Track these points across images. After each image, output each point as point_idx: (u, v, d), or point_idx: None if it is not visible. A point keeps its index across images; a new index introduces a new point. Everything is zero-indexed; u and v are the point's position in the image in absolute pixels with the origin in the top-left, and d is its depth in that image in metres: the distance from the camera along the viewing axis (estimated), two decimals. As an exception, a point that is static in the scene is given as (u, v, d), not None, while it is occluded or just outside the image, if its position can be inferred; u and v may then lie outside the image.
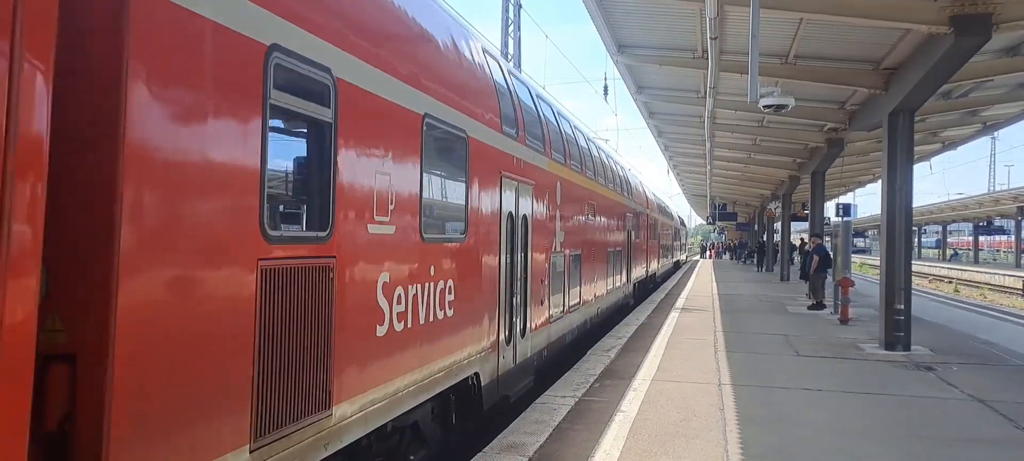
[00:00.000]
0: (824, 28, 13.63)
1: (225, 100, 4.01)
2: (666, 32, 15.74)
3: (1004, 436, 8.23)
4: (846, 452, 7.38)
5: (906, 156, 14.13)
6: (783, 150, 27.76)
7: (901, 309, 13.85)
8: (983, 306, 30.25)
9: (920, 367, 12.22)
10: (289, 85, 4.56)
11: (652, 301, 24.26)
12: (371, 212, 5.64)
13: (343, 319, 5.15)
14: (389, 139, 5.99)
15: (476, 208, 8.17)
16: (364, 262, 5.54)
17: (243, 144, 4.14)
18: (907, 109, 13.90)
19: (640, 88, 21.20)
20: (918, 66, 12.87)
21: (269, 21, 4.38)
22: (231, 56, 4.06)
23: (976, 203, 66.89)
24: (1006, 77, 15.60)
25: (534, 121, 11.24)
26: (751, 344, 14.50)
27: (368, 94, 5.58)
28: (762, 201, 47.98)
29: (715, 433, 7.87)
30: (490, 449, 7.28)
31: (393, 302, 5.98)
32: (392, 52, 6.15)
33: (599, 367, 11.67)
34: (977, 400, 9.84)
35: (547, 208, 11.55)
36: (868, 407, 9.40)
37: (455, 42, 7.97)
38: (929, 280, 54.62)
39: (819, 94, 18.45)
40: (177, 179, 3.68)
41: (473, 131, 8.02)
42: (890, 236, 14.14)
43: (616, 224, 19.74)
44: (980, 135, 24.37)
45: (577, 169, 14.30)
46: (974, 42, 11.17)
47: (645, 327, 16.86)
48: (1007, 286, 47.49)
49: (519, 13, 28.13)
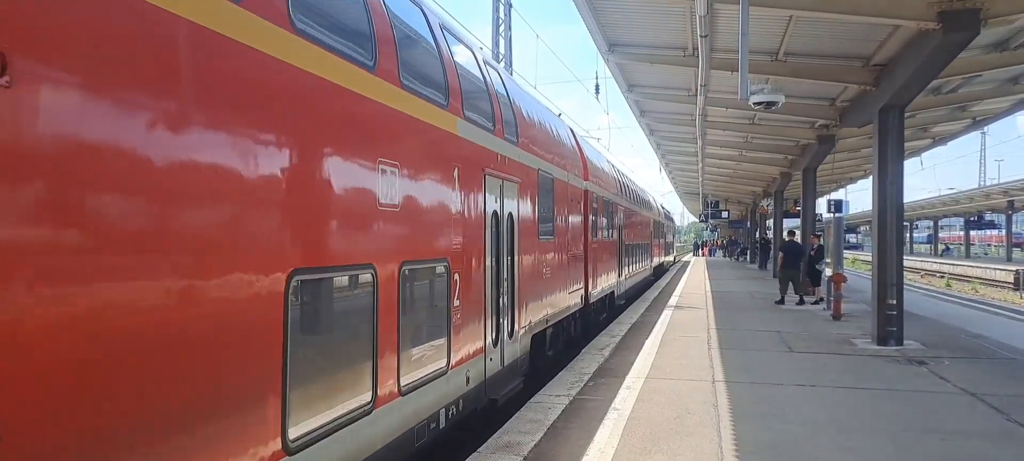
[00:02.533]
0: (814, 25, 13.67)
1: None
2: (657, 30, 15.76)
3: (995, 429, 8.27)
4: (840, 447, 7.40)
5: (897, 152, 14.19)
6: (775, 147, 27.83)
7: (893, 304, 13.91)
8: (975, 300, 30.40)
9: (912, 362, 12.27)
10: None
11: (645, 299, 24.29)
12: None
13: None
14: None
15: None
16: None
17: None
18: (897, 105, 13.96)
19: (631, 87, 21.23)
20: (908, 62, 12.93)
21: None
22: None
23: (967, 198, 67.28)
24: (995, 72, 15.70)
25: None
26: (745, 341, 14.54)
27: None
28: (754, 198, 48.14)
29: (709, 430, 7.89)
30: (485, 448, 7.28)
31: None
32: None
33: (593, 365, 11.69)
34: (969, 393, 9.89)
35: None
36: (861, 402, 9.43)
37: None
38: (921, 275, 54.87)
39: (810, 91, 18.51)
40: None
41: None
42: (882, 232, 14.20)
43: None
44: (970, 130, 24.50)
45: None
46: (963, 37, 11.22)
47: (639, 325, 16.89)
48: (998, 280, 47.76)
49: (509, 13, 28.16)
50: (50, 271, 3.14)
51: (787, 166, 30.38)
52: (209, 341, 4.02)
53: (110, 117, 3.42)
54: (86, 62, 3.30)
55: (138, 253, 3.58)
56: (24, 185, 3.04)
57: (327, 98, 5.33)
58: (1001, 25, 11.65)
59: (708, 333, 15.42)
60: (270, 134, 4.63)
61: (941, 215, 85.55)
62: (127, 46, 3.51)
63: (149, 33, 3.65)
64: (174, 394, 3.77)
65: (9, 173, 2.96)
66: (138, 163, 3.57)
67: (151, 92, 3.67)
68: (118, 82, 3.47)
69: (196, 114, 3.96)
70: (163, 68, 3.74)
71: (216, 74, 4.15)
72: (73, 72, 3.24)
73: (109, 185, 3.42)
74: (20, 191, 3.03)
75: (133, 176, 3.54)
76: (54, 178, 3.16)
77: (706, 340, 14.42)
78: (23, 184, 3.03)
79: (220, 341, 4.10)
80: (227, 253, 4.16)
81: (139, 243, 3.59)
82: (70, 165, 3.23)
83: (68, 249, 3.23)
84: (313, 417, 4.99)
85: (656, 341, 14.19)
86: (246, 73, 4.42)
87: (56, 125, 3.18)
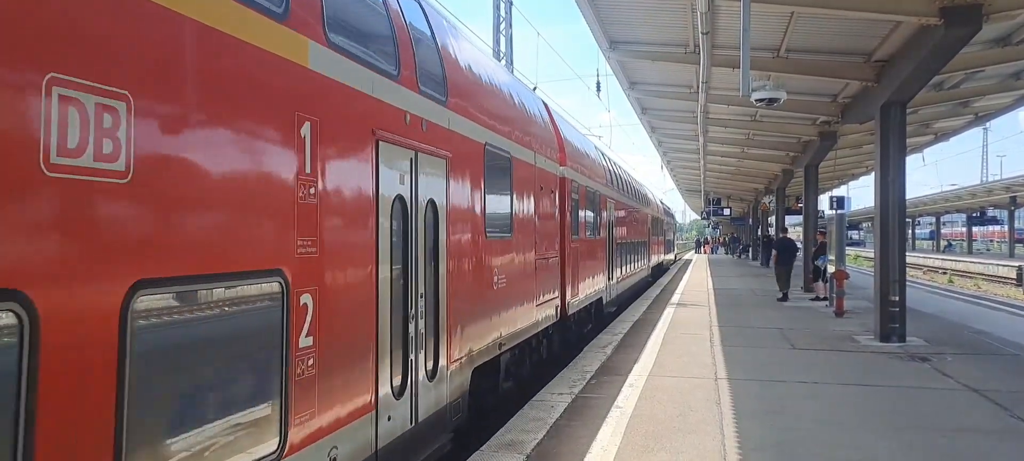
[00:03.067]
0: (815, 21, 13.65)
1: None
2: (658, 28, 15.74)
3: (999, 425, 8.26)
4: (843, 444, 7.39)
5: (899, 148, 14.17)
6: (776, 144, 27.81)
7: (896, 301, 13.89)
8: (977, 296, 30.36)
9: (915, 358, 12.26)
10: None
11: (647, 297, 24.28)
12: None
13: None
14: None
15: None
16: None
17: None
18: (899, 101, 13.94)
19: (633, 84, 21.21)
20: (909, 58, 12.90)
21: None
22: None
23: (969, 194, 67.12)
24: (997, 67, 15.66)
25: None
26: (747, 338, 14.53)
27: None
28: (756, 195, 48.09)
29: (712, 427, 7.88)
30: (487, 447, 7.28)
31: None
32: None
33: (596, 363, 11.68)
34: (972, 390, 9.88)
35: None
36: (864, 399, 9.42)
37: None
38: (924, 271, 54.81)
39: (811, 87, 18.49)
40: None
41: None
42: (884, 228, 14.19)
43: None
44: (972, 126, 24.44)
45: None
46: (965, 33, 11.20)
47: (641, 323, 16.88)
48: (1001, 275, 47.68)
49: (510, 11, 28.14)
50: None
51: (789, 163, 30.35)
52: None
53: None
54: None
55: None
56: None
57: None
58: (1003, 20, 11.62)
59: (710, 330, 15.40)
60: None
61: (943, 211, 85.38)
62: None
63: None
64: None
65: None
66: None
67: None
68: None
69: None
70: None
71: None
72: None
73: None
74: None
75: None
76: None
77: (709, 337, 14.41)
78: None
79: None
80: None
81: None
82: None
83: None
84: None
85: (658, 339, 14.18)
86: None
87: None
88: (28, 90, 2.97)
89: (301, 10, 4.92)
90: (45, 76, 3.03)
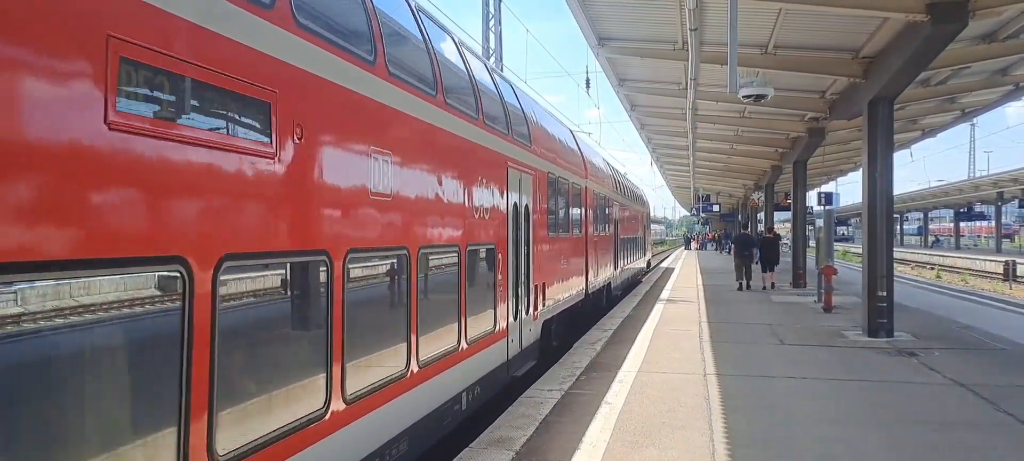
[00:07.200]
0: (803, 17, 13.69)
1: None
2: (647, 24, 15.73)
3: (985, 419, 8.32)
4: (831, 438, 7.42)
5: (886, 144, 14.24)
6: (765, 140, 27.89)
7: (884, 296, 13.96)
8: (965, 291, 30.55)
9: (903, 353, 12.32)
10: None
11: (637, 293, 24.31)
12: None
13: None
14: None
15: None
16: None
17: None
18: (886, 97, 14.00)
19: (622, 81, 21.19)
20: (896, 54, 12.95)
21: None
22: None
23: (957, 189, 67.64)
24: (983, 63, 15.74)
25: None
26: (736, 334, 14.57)
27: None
28: (746, 191, 48.23)
29: (701, 423, 7.90)
30: (478, 443, 7.26)
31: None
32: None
33: (585, 360, 11.68)
34: (959, 384, 9.94)
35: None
36: (852, 394, 9.47)
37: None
38: (912, 267, 55.10)
39: (800, 84, 18.54)
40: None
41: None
42: (872, 224, 14.25)
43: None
44: (959, 122, 24.60)
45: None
46: (951, 29, 11.26)
47: (631, 319, 16.90)
48: (988, 271, 48.03)
49: (499, 8, 28.06)
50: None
51: (777, 159, 30.44)
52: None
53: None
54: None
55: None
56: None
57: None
58: (989, 16, 11.69)
59: (699, 326, 15.44)
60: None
61: (931, 207, 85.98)
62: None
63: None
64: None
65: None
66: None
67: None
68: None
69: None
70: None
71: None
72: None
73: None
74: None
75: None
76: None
77: (698, 333, 14.44)
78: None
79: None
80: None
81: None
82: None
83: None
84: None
85: (648, 335, 14.20)
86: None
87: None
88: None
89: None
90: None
